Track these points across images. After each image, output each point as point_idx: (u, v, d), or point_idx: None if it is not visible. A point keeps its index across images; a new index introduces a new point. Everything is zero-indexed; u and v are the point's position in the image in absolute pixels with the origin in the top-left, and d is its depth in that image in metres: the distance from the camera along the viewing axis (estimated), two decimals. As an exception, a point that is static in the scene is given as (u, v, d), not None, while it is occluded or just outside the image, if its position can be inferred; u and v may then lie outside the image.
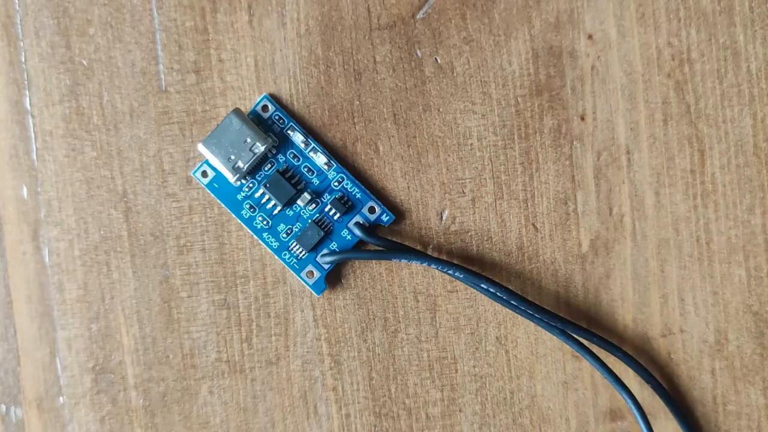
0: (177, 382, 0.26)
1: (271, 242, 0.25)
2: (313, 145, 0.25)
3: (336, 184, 0.25)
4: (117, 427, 0.26)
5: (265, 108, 0.25)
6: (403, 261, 0.24)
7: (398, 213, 0.25)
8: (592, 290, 0.25)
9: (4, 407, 0.26)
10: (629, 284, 0.25)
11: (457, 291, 0.25)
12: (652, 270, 0.25)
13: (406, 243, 0.25)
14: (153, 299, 0.25)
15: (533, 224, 0.25)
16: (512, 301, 0.24)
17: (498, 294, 0.24)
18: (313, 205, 0.25)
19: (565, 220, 0.25)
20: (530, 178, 0.25)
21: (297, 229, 0.25)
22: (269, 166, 0.25)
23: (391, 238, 0.25)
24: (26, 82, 0.25)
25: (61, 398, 0.26)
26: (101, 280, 0.25)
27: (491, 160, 0.25)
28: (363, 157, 0.25)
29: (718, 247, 0.25)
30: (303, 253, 0.25)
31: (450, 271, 0.24)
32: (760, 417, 0.25)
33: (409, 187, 0.25)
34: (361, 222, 0.25)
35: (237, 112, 0.24)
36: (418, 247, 0.25)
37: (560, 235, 0.25)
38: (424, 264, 0.24)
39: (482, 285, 0.24)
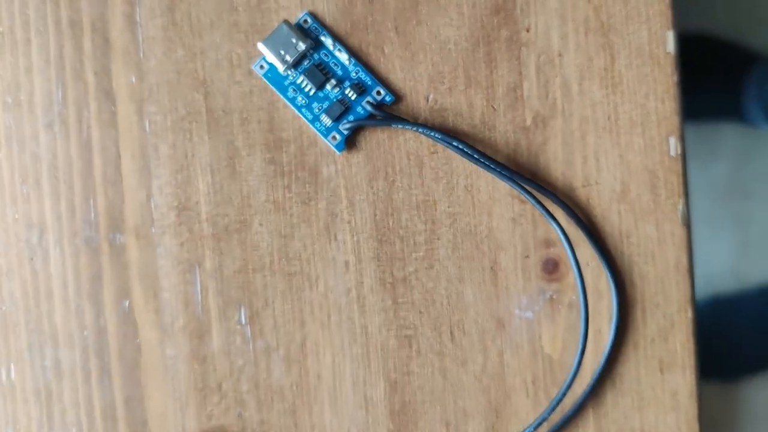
0: (236, 217, 0.36)
1: (307, 115, 0.35)
2: (338, 47, 0.35)
3: (354, 74, 0.35)
4: (192, 249, 0.36)
5: (305, 21, 0.35)
6: (400, 127, 0.35)
7: (397, 96, 0.35)
8: (534, 152, 0.35)
9: (111, 235, 0.36)
10: (560, 149, 0.35)
11: (437, 152, 0.35)
12: (576, 139, 0.35)
13: (403, 116, 0.35)
14: (221, 157, 0.36)
15: (492, 105, 0.35)
16: (476, 156, 0.34)
17: (466, 151, 0.34)
18: (337, 89, 0.35)
19: (515, 102, 0.35)
20: (490, 73, 0.35)
21: (325, 106, 0.35)
22: (307, 61, 0.35)
23: (391, 113, 0.35)
24: (137, 2, 0.36)
25: (152, 228, 0.36)
26: (185, 143, 0.36)
27: (463, 60, 0.35)
28: (373, 56, 0.35)
29: (623, 122, 0.35)
30: (329, 122, 0.35)
31: (432, 134, 0.34)
32: (653, 247, 0.35)
33: (405, 78, 0.35)
34: (371, 101, 0.35)
35: (286, 22, 0.35)
36: (411, 119, 0.35)
37: (511, 113, 0.35)
38: (414, 129, 0.34)
39: (454, 143, 0.34)
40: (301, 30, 0.35)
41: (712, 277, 1.28)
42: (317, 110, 0.35)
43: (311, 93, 0.35)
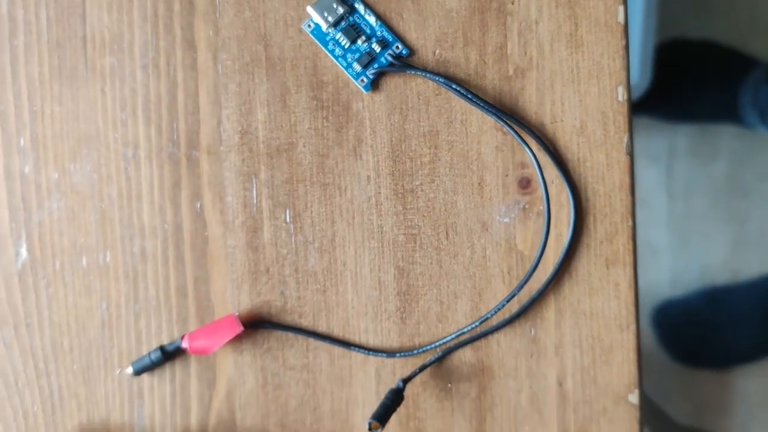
0: (286, 140, 0.47)
1: (343, 63, 0.46)
2: (368, 11, 0.46)
3: (379, 33, 0.46)
4: (250, 164, 0.47)
5: (343, -8, 0.46)
6: (412, 73, 0.46)
7: (412, 50, 0.46)
8: (514, 96, 0.46)
9: (189, 151, 0.47)
10: (534, 93, 0.46)
11: (440, 94, 0.46)
12: (546, 86, 0.46)
13: (415, 65, 0.46)
14: (276, 94, 0.47)
15: (483, 59, 0.46)
16: (470, 97, 0.45)
17: (463, 93, 0.45)
18: (366, 44, 0.46)
19: (501, 57, 0.46)
20: (483, 35, 0.46)
21: (357, 56, 0.46)
22: (344, 22, 0.46)
23: (407, 62, 0.46)
24: (216, -25, 0.47)
25: (221, 147, 0.47)
26: (248, 83, 0.47)
27: (462, 24, 0.46)
28: (394, 20, 0.46)
29: (583, 75, 0.45)
30: (359, 68, 0.46)
31: (437, 79, 0.45)
32: (603, 170, 0.46)
33: (418, 37, 0.46)
34: (391, 53, 0.46)
35: (329, -9, 0.46)
36: (421, 68, 0.46)
37: (498, 65, 0.46)
38: (424, 75, 0.45)
39: (454, 87, 0.45)
40: (340, -2, 0.46)
41: (707, 270, 1.38)
42: (350, 59, 0.46)
43: (346, 46, 0.46)
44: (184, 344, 0.46)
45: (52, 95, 0.47)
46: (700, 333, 1.36)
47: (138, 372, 0.47)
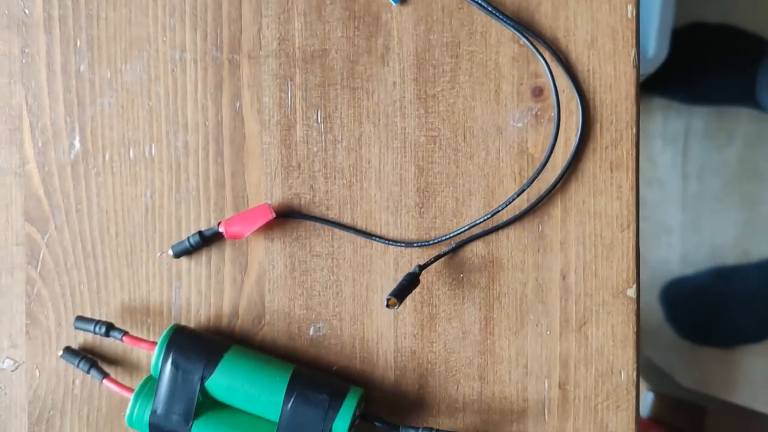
0: (320, 47, 0.51)
1: (374, -24, 0.51)
2: (399, -70, 0.51)
3: (409, -50, 0.50)
4: (286, 68, 0.51)
5: None
6: (438, -14, 0.50)
7: (438, -34, 0.50)
8: (531, 11, 0.50)
9: (231, 55, 0.52)
10: (550, 8, 0.50)
11: (462, 8, 0.50)
12: (561, 2, 0.50)
13: (441, -19, 0.50)
14: (312, 4, 0.51)
15: (504, -24, 0.50)
16: (490, 9, 0.49)
17: (484, 5, 0.49)
18: (397, -41, 0.50)
19: (520, -25, 0.50)
20: (505, -46, 0.50)
21: (388, -30, 0.50)
22: (377, -61, 0.50)
23: (433, -23, 0.50)
24: None
25: (260, 52, 0.52)
26: (287, 6, 0.51)
27: (486, -56, 0.50)
28: (423, -61, 0.51)
29: None
30: (390, -18, 0.50)
31: (461, -8, 0.49)
32: (611, 81, 0.49)
33: (445, -46, 0.50)
34: (420, -31, 0.50)
35: None
36: (447, -17, 0.50)
37: (517, -18, 0.50)
38: (449, -12, 0.49)
39: (476, -1, 0.49)
40: None
41: (718, 250, 1.41)
42: (382, -27, 0.50)
43: (378, -39, 0.50)
44: (221, 229, 0.50)
45: (107, 1, 0.51)
46: (708, 311, 1.39)
47: (177, 255, 0.51)
